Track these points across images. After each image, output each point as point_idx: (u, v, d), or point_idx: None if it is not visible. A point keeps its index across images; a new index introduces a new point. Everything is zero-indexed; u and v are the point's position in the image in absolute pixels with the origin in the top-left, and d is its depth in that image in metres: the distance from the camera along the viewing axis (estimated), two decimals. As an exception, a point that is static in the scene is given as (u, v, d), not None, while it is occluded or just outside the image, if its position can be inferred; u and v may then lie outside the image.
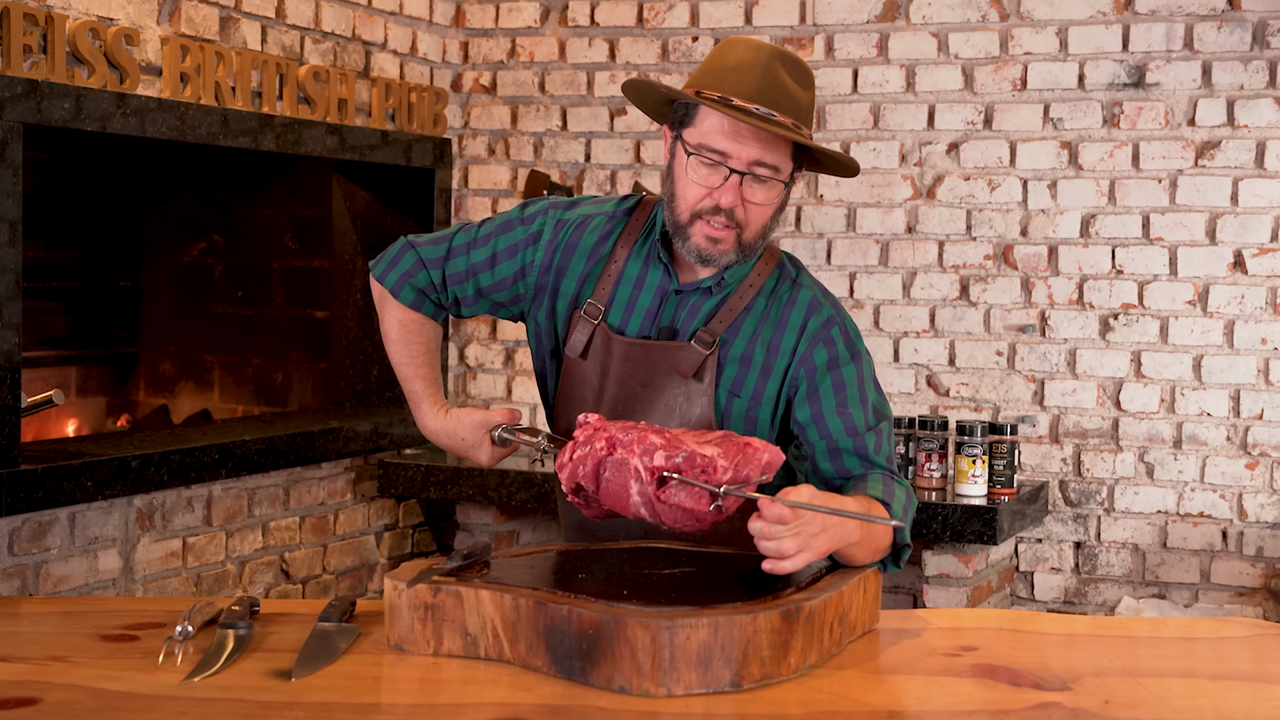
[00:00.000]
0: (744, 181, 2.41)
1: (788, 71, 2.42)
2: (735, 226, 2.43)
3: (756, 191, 2.42)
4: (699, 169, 2.42)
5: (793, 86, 2.42)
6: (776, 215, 2.48)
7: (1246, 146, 4.32)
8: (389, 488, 4.65)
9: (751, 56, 2.42)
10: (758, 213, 2.44)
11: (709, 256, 2.46)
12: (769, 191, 2.43)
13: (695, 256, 2.47)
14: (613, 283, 2.56)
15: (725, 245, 2.45)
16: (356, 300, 4.82)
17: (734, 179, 2.40)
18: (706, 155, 2.41)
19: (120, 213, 4.99)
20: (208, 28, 4.00)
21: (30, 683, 1.95)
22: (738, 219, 2.43)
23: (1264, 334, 4.32)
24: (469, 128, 5.08)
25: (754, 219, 2.44)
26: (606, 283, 2.56)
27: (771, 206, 2.45)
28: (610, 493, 2.23)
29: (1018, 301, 4.53)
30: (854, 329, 2.56)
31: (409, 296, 2.66)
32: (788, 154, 2.43)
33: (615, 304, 2.55)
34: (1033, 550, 4.54)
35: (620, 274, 2.56)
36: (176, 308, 5.02)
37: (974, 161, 4.56)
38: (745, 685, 1.93)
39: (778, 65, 2.42)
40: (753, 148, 2.40)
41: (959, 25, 4.55)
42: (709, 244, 2.45)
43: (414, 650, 2.09)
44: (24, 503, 3.42)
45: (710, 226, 2.43)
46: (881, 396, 2.54)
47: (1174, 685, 2.03)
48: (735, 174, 2.40)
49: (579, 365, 2.56)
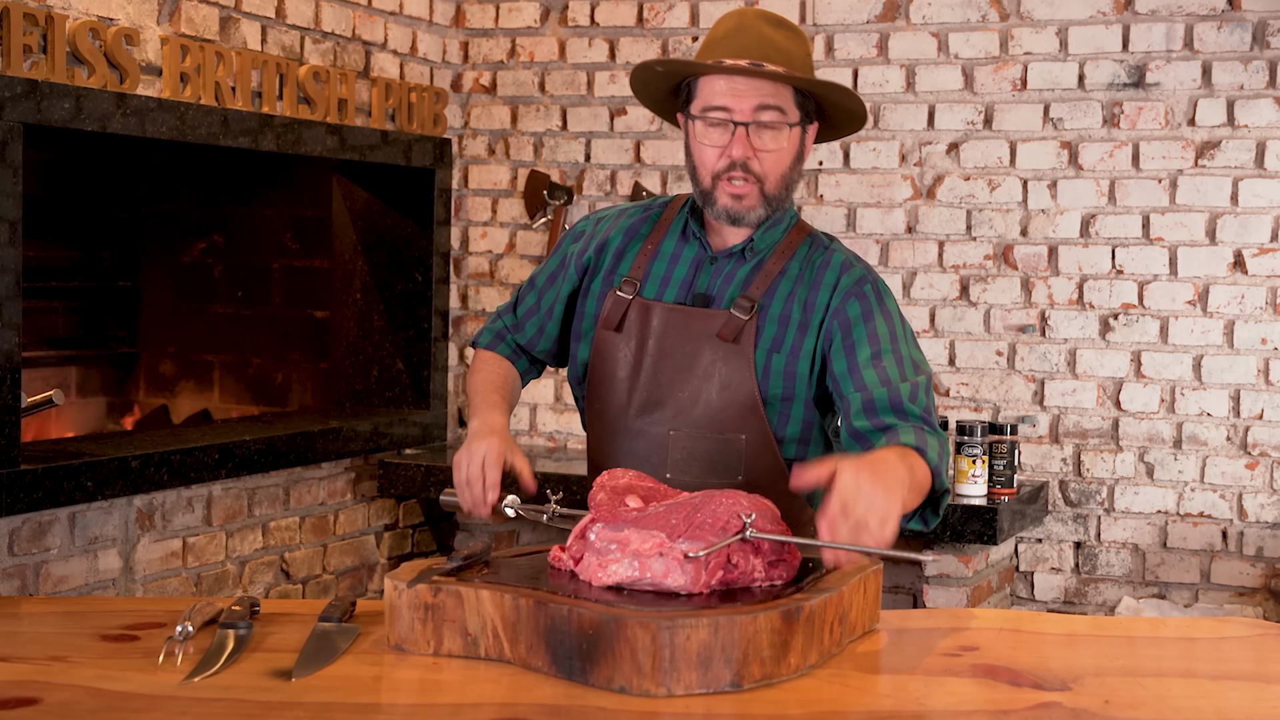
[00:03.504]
0: (751, 131, 2.50)
1: (772, 27, 2.54)
2: (755, 180, 2.53)
3: (766, 139, 2.51)
4: (708, 132, 2.52)
5: (779, 38, 2.53)
6: (796, 165, 2.57)
7: (1246, 146, 4.32)
8: (389, 488, 4.65)
9: (736, 22, 2.55)
10: (772, 160, 2.53)
11: (736, 214, 2.55)
12: (778, 137, 2.52)
13: (724, 217, 2.56)
14: (648, 259, 2.65)
15: (750, 200, 2.54)
16: (356, 300, 4.82)
17: (740, 131, 2.50)
18: (711, 116, 2.51)
19: (120, 213, 4.99)
20: (208, 28, 4.00)
21: (30, 683, 1.95)
22: (755, 171, 2.52)
23: (1264, 334, 4.32)
24: (469, 128, 5.08)
25: (770, 168, 2.53)
26: (642, 260, 2.65)
27: (786, 153, 2.54)
28: None
29: (1018, 301, 4.53)
30: (887, 290, 2.61)
31: (486, 339, 2.82)
32: (790, 100, 2.52)
33: (650, 278, 2.64)
34: (1033, 550, 4.54)
35: (656, 251, 2.66)
36: (176, 308, 5.02)
37: (974, 161, 4.56)
38: (745, 685, 1.93)
39: (761, 23, 2.54)
40: (752, 98, 2.49)
41: (959, 25, 4.55)
42: (734, 201, 2.54)
43: (414, 650, 2.09)
44: (24, 503, 3.42)
45: (731, 184, 2.53)
46: (919, 353, 2.58)
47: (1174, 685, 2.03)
48: (741, 126, 2.50)
49: (612, 340, 2.63)
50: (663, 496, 2.22)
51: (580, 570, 2.13)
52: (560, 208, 4.88)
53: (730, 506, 2.12)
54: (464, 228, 5.09)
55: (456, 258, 5.09)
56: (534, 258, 5.00)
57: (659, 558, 2.06)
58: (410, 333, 4.83)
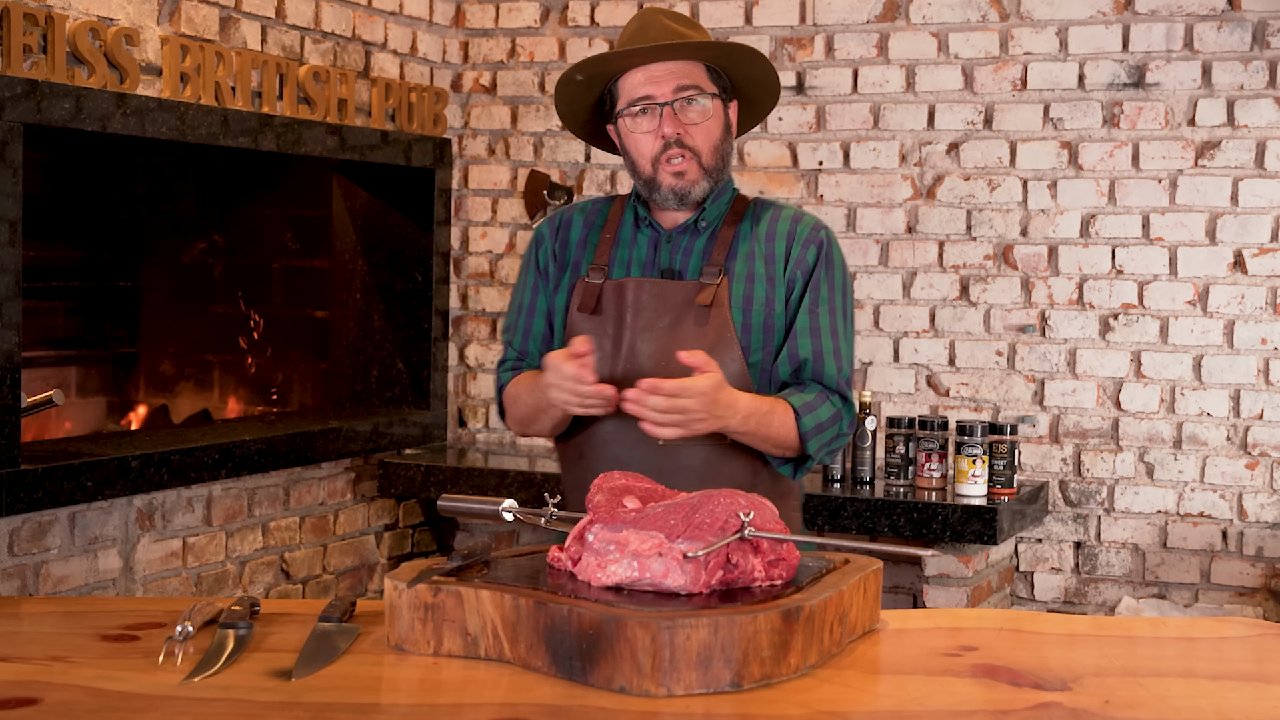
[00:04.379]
0: (676, 109, 2.65)
1: (674, 20, 2.70)
2: (691, 154, 2.66)
3: (691, 113, 2.66)
4: (638, 122, 2.67)
5: (681, 28, 2.68)
6: (726, 137, 2.72)
7: (1246, 146, 4.32)
8: (389, 488, 4.65)
9: (639, 22, 2.71)
10: (702, 132, 2.66)
11: (681, 191, 2.68)
12: (703, 110, 2.66)
13: (671, 198, 2.68)
14: (610, 246, 2.77)
15: (692, 174, 2.66)
16: (356, 300, 4.82)
17: (667, 110, 2.65)
18: (636, 105, 2.66)
19: (120, 213, 4.99)
20: (208, 28, 4.00)
21: (30, 683, 1.95)
22: (690, 145, 2.65)
23: (1264, 334, 4.32)
24: (469, 128, 5.08)
25: (701, 140, 2.66)
26: (604, 247, 2.77)
27: (714, 125, 2.68)
28: None
29: (1018, 301, 4.53)
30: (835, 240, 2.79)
31: (506, 379, 2.87)
32: (705, 77, 2.67)
33: (615, 263, 2.76)
34: (1033, 550, 4.54)
35: (615, 239, 2.77)
36: (176, 308, 5.02)
37: (974, 161, 4.56)
38: (745, 685, 1.93)
39: (663, 18, 2.70)
40: (669, 81, 2.65)
41: (959, 25, 4.55)
42: (676, 179, 2.67)
43: (414, 650, 2.09)
44: (24, 503, 3.42)
45: (670, 164, 2.66)
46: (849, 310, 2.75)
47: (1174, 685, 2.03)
48: (665, 106, 2.65)
49: (589, 322, 2.72)
50: (660, 497, 2.22)
51: (579, 571, 2.12)
52: (560, 208, 4.87)
53: (729, 506, 2.12)
54: (464, 228, 5.09)
55: (456, 258, 5.09)
56: (534, 258, 5.00)
57: (658, 558, 2.06)
58: (410, 333, 4.83)
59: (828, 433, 2.68)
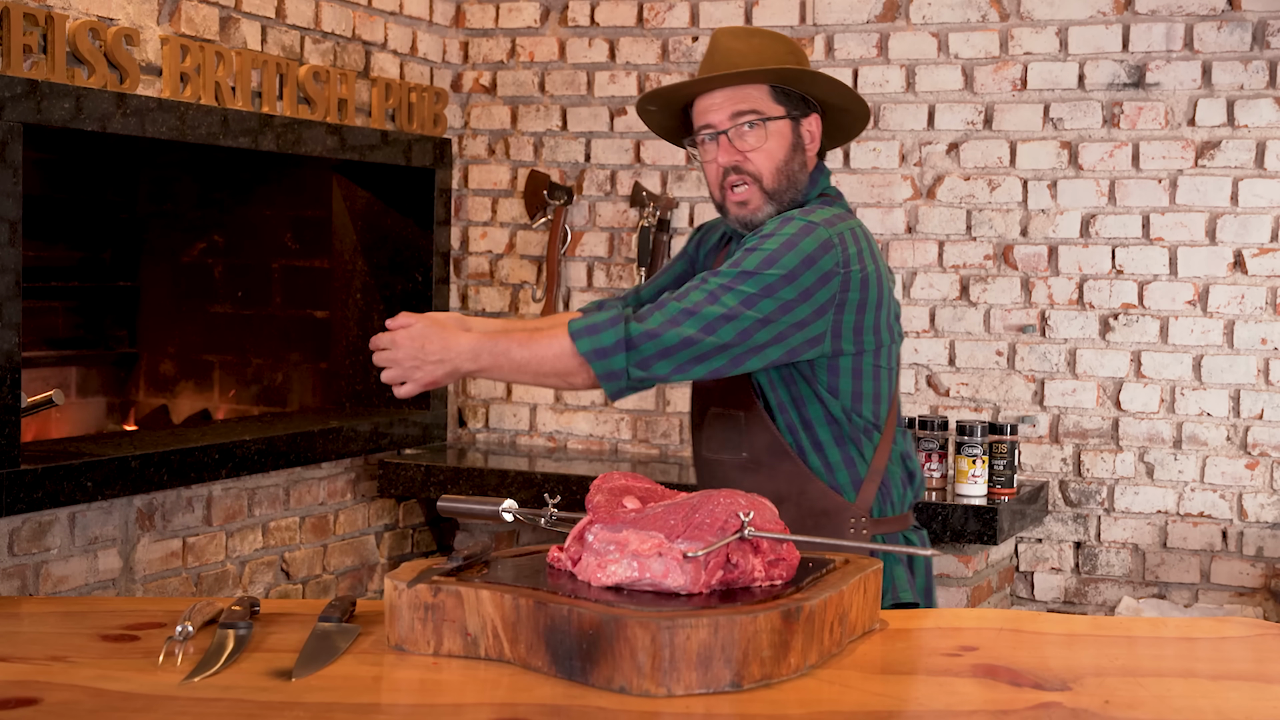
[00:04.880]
0: (733, 136, 2.67)
1: (740, 40, 2.72)
2: (752, 179, 2.68)
3: (749, 139, 2.67)
4: (704, 149, 2.71)
5: (745, 48, 2.69)
6: (793, 155, 2.71)
7: (1246, 146, 4.32)
8: (389, 488, 4.65)
9: (709, 46, 2.74)
10: (762, 157, 2.67)
11: (745, 218, 2.71)
12: (761, 134, 2.67)
13: (739, 226, 2.72)
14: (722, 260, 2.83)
15: (753, 203, 2.69)
16: (356, 300, 4.82)
17: (722, 139, 2.68)
18: (699, 135, 2.71)
19: (120, 213, 4.99)
20: (208, 28, 4.00)
21: (30, 683, 1.95)
22: (749, 171, 2.68)
23: (1264, 334, 4.32)
24: (469, 128, 5.08)
25: (762, 164, 2.67)
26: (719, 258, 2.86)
27: (776, 147, 2.68)
28: None
29: (1018, 301, 4.53)
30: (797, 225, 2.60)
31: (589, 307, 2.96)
32: (767, 99, 2.68)
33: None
34: (1033, 550, 4.54)
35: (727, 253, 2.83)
36: (176, 308, 5.02)
37: (974, 161, 4.56)
38: (745, 685, 1.93)
39: (728, 39, 2.72)
40: (726, 108, 2.67)
41: (959, 25, 4.55)
42: (739, 208, 2.70)
43: (414, 650, 2.09)
44: (24, 503, 3.42)
45: (733, 192, 2.69)
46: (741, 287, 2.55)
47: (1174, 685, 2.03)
48: (721, 134, 2.67)
49: None
50: (660, 497, 2.22)
51: (579, 571, 2.12)
52: (560, 208, 4.88)
53: (728, 506, 2.12)
54: (464, 228, 5.09)
55: (456, 258, 5.09)
56: (534, 257, 5.01)
57: (658, 558, 2.06)
58: (410, 333, 4.82)
59: (606, 335, 2.51)
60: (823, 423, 2.70)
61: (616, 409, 4.93)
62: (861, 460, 2.73)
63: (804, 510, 2.68)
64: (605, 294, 4.91)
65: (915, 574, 2.80)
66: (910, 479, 2.82)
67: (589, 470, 4.51)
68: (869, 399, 2.70)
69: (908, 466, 2.82)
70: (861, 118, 2.80)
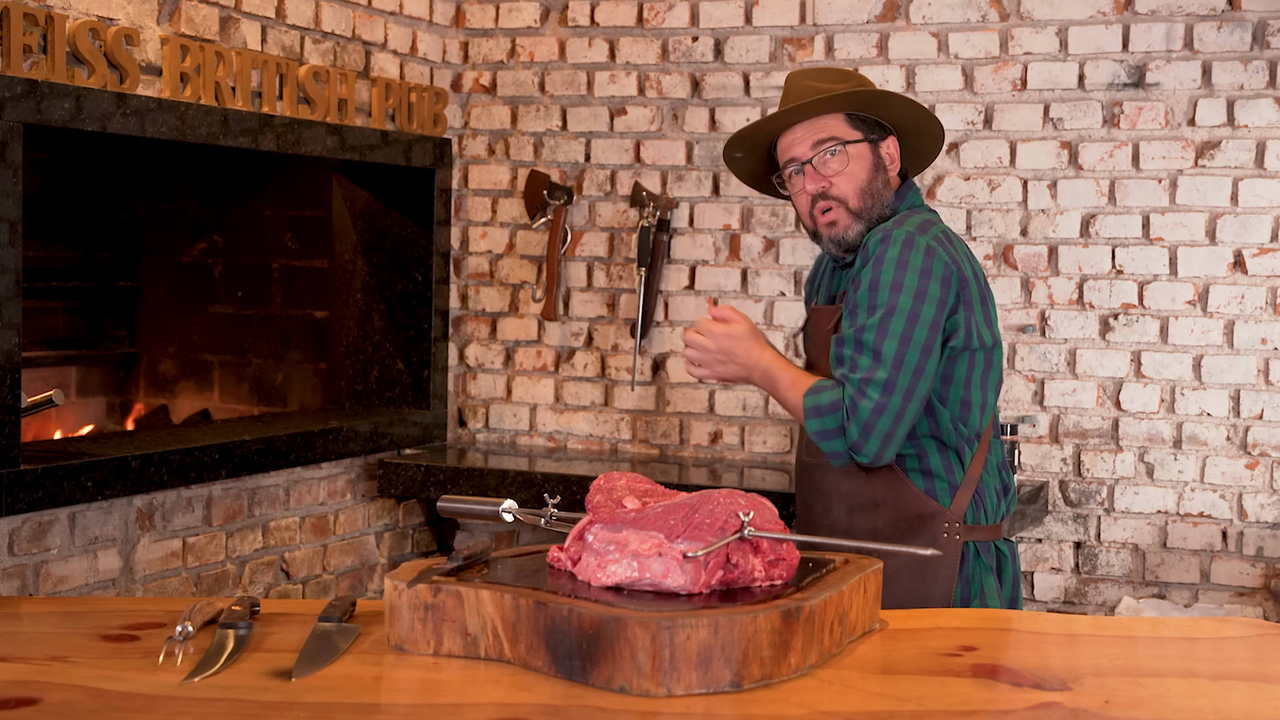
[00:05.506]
0: (816, 164, 2.83)
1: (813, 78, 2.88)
2: (838, 203, 2.84)
3: (832, 165, 2.84)
4: (792, 183, 2.88)
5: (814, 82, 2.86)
6: (875, 175, 2.85)
7: (1246, 146, 4.32)
8: (389, 488, 4.65)
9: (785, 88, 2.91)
10: (845, 181, 2.84)
11: (837, 239, 2.87)
12: (842, 159, 2.84)
13: (834, 248, 2.89)
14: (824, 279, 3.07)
15: (840, 224, 2.85)
16: (356, 300, 4.82)
17: (808, 168, 2.85)
18: (785, 170, 2.89)
19: (120, 213, 4.99)
20: (208, 28, 4.00)
21: (30, 683, 1.95)
22: (835, 196, 2.84)
23: (1264, 334, 4.32)
24: (469, 128, 5.08)
25: (845, 188, 2.84)
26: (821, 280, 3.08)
27: (858, 170, 2.84)
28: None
29: (1018, 301, 4.53)
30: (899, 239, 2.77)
31: None
32: (844, 126, 2.85)
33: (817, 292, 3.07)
34: (1033, 550, 4.54)
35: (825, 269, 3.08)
36: (176, 308, 5.02)
37: (974, 161, 4.56)
38: (745, 685, 1.93)
39: (802, 78, 2.88)
40: (806, 140, 2.85)
41: (959, 25, 4.55)
42: (829, 228, 2.86)
43: (414, 650, 2.09)
44: (24, 503, 3.42)
45: (823, 217, 2.86)
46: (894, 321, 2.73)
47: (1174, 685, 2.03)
48: (806, 164, 2.84)
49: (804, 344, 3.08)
50: (660, 497, 2.22)
51: (579, 571, 2.13)
52: (560, 208, 4.88)
53: (728, 506, 2.12)
54: (464, 228, 5.09)
55: (456, 258, 5.09)
56: (534, 257, 5.01)
57: (658, 558, 2.06)
58: (410, 333, 4.83)
59: (828, 420, 2.77)
60: (927, 432, 2.83)
61: (616, 409, 4.93)
62: (960, 467, 2.86)
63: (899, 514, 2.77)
64: (605, 294, 4.92)
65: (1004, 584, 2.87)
66: (1004, 491, 2.94)
67: (589, 470, 4.51)
68: (975, 409, 2.84)
69: (1003, 478, 2.96)
70: (936, 139, 2.99)
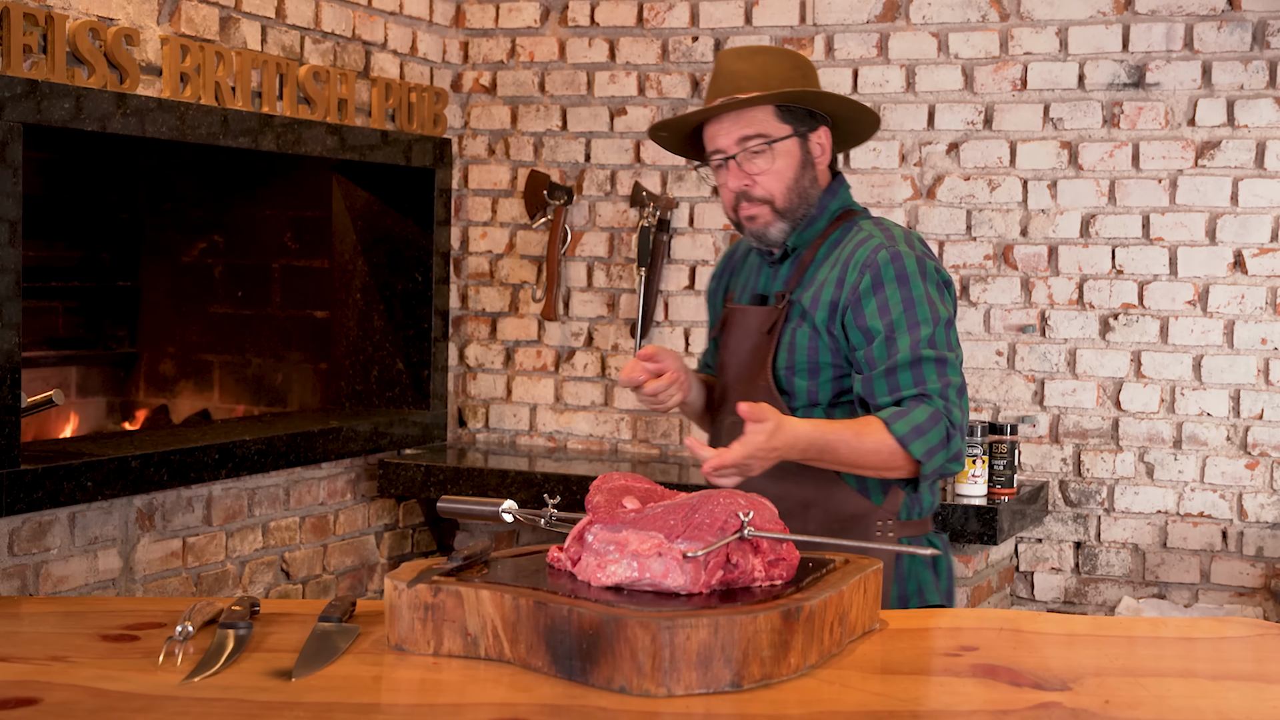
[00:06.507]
0: (741, 161, 2.71)
1: (744, 60, 2.73)
2: (763, 201, 2.73)
3: (758, 163, 2.71)
4: (717, 174, 2.76)
5: (749, 68, 2.71)
6: (801, 174, 2.74)
7: (1246, 146, 4.32)
8: (389, 488, 4.65)
9: (715, 68, 2.77)
10: (771, 180, 2.72)
11: (758, 234, 2.77)
12: (769, 157, 2.71)
13: (754, 241, 2.80)
14: (742, 273, 2.93)
15: (764, 220, 2.74)
16: (356, 300, 4.82)
17: (731, 164, 2.71)
18: (711, 160, 2.76)
19: (120, 213, 4.99)
20: (208, 28, 4.00)
21: (30, 683, 1.95)
22: (758, 195, 2.72)
23: (1264, 334, 4.32)
24: (469, 128, 5.08)
25: (772, 186, 2.72)
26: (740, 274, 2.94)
27: (785, 168, 2.72)
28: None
29: (1018, 301, 4.53)
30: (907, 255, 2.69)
31: None
32: (772, 120, 2.71)
33: (738, 288, 2.92)
34: (1033, 550, 4.54)
35: (744, 264, 2.94)
36: (176, 308, 5.02)
37: (974, 161, 4.56)
38: (745, 685, 1.93)
39: (732, 60, 2.74)
40: (732, 133, 2.70)
41: (959, 25, 4.55)
42: (751, 223, 2.76)
43: (414, 650, 2.09)
44: (24, 503, 3.42)
45: (746, 213, 2.75)
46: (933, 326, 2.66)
47: (1174, 685, 2.03)
48: (730, 159, 2.71)
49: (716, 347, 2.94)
50: (660, 497, 2.22)
51: (579, 571, 2.13)
52: (560, 208, 4.88)
53: (728, 506, 2.12)
54: (464, 228, 5.09)
55: (456, 258, 5.09)
56: (534, 257, 5.01)
57: (658, 558, 2.06)
58: (410, 333, 4.83)
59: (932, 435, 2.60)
60: None
61: (616, 409, 4.93)
62: None
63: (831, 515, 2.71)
64: (605, 294, 4.91)
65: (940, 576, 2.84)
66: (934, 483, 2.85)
67: (589, 470, 4.51)
68: None
69: None
70: (871, 124, 2.86)
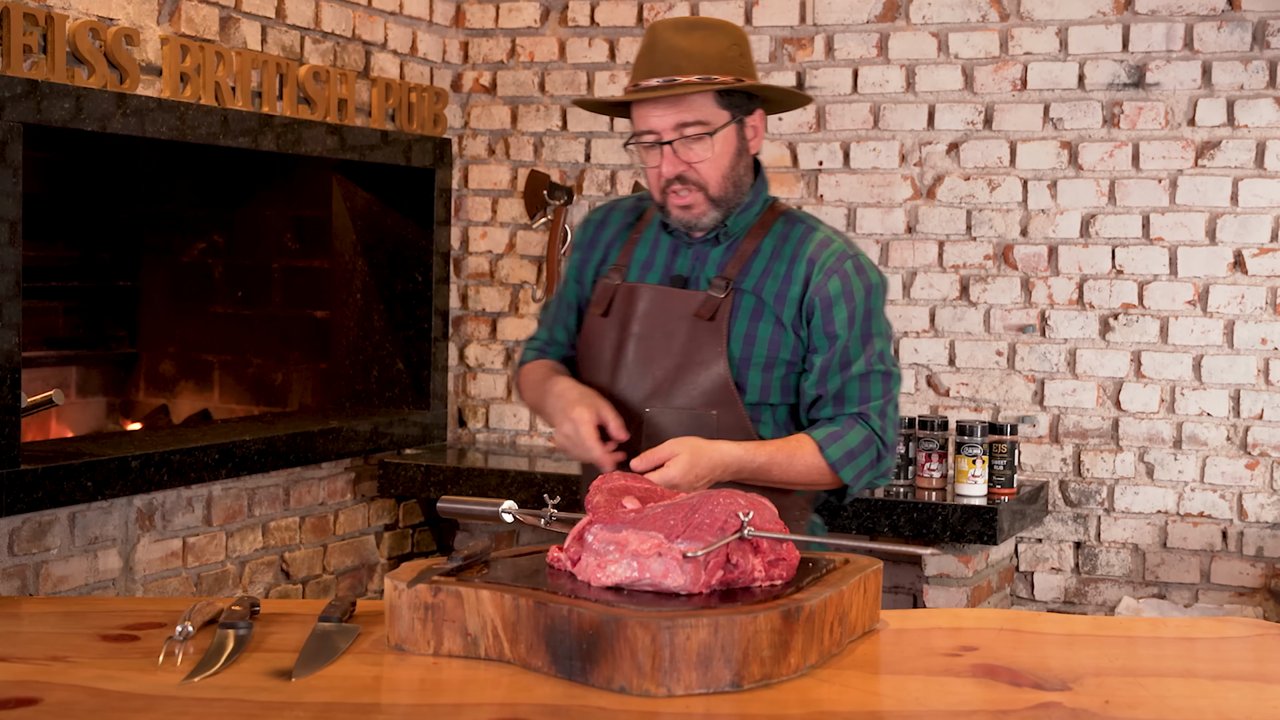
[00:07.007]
0: (678, 146, 2.58)
1: (683, 34, 2.58)
2: (697, 188, 2.61)
3: (694, 150, 2.59)
4: (645, 154, 2.63)
5: (688, 45, 2.57)
6: (738, 161, 2.64)
7: (1246, 146, 4.32)
8: (389, 488, 4.65)
9: (649, 39, 2.61)
10: (708, 168, 2.60)
11: (688, 222, 2.65)
12: (707, 146, 2.59)
13: (680, 226, 2.67)
14: (634, 246, 2.76)
15: (697, 208, 2.63)
16: (356, 300, 4.82)
17: (667, 150, 2.59)
18: (641, 140, 2.62)
19: (120, 213, 4.99)
20: (208, 28, 4.00)
21: (30, 683, 1.95)
22: (693, 181, 2.61)
23: (1264, 334, 4.32)
24: (469, 128, 5.08)
25: (708, 174, 2.61)
26: (629, 247, 2.76)
27: (721, 156, 2.62)
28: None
29: (1018, 301, 4.53)
30: (869, 264, 2.71)
31: (529, 357, 2.89)
32: (711, 106, 2.59)
33: (634, 264, 2.74)
34: (1033, 550, 4.54)
35: (640, 239, 2.76)
36: (176, 308, 5.02)
37: (974, 161, 4.56)
38: (745, 685, 1.93)
39: (671, 34, 2.58)
40: (669, 117, 2.57)
41: (959, 25, 4.55)
42: (682, 211, 2.64)
43: (414, 650, 2.09)
44: (24, 503, 3.42)
45: (676, 196, 2.62)
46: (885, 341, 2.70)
47: (1174, 685, 2.03)
48: (666, 145, 2.58)
49: (599, 324, 2.73)
50: (660, 497, 2.22)
51: (579, 571, 2.13)
52: (560, 208, 4.88)
53: (728, 506, 2.12)
54: (464, 228, 5.09)
55: (456, 258, 5.09)
56: (534, 257, 5.01)
57: (658, 558, 2.06)
58: (410, 333, 4.83)
59: (863, 459, 2.64)
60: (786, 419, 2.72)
61: (616, 409, 4.93)
62: None
63: None
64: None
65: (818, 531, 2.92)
66: None
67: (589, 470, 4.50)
68: None
69: None
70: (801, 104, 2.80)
